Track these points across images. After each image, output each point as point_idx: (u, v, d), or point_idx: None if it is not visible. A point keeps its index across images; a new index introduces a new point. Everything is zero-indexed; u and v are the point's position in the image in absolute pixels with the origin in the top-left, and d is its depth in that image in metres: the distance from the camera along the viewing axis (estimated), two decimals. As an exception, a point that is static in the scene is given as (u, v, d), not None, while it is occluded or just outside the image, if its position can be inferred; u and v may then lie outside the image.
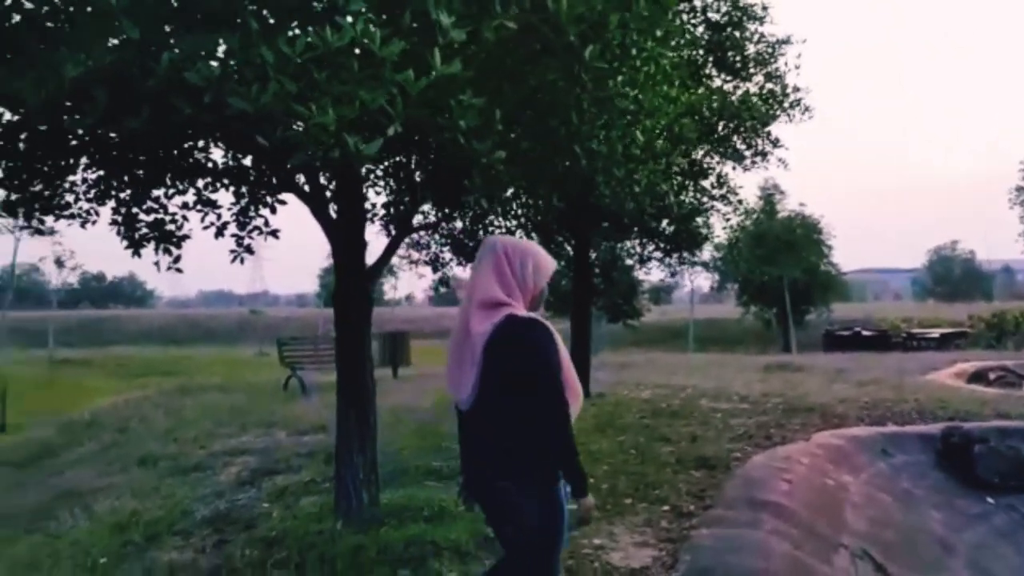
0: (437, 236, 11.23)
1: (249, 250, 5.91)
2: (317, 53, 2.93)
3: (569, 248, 11.65)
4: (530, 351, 2.79)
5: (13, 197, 5.11)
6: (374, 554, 4.55)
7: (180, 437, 9.53)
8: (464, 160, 4.19)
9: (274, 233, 5.91)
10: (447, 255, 11.22)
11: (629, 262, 14.37)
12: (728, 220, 11.95)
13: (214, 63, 3.03)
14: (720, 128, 11.35)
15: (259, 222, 5.83)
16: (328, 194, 5.57)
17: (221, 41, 3.13)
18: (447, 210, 6.31)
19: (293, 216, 6.46)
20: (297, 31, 3.18)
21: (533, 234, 10.70)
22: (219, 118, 3.11)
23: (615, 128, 4.73)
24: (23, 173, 4.84)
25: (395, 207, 6.41)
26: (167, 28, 3.18)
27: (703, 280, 37.30)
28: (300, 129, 2.98)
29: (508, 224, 10.29)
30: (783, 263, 29.38)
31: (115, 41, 3.18)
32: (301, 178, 5.27)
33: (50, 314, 37.37)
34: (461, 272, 11.81)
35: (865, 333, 27.64)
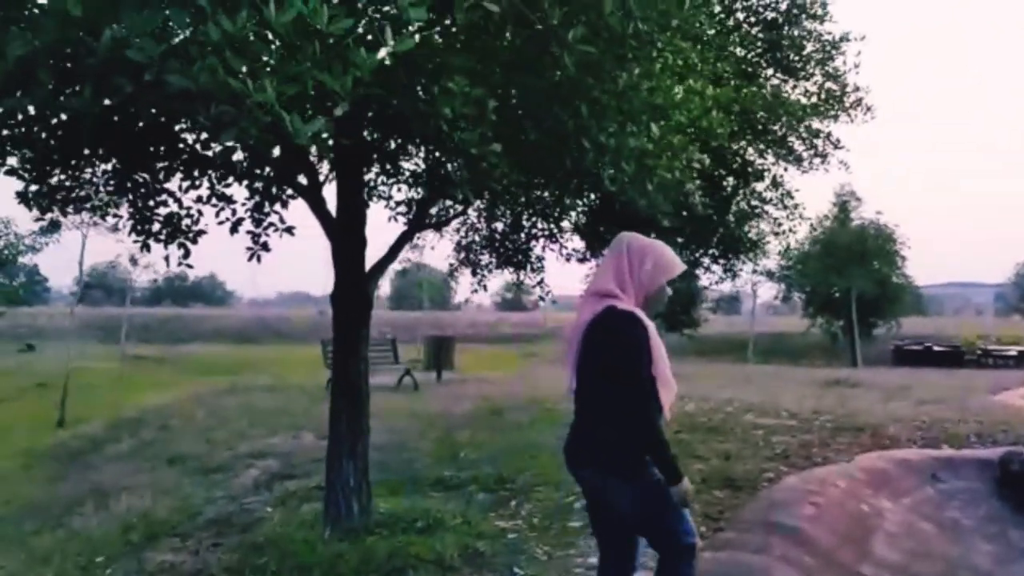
0: (477, 238, 11.02)
1: (266, 247, 5.77)
2: (263, 30, 2.77)
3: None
4: (623, 343, 2.83)
5: (32, 189, 5.09)
6: (354, 564, 4.35)
7: (212, 437, 9.57)
8: (451, 150, 3.96)
9: (289, 230, 5.78)
10: (485, 257, 11.01)
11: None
12: (780, 225, 11.32)
13: (157, 41, 2.88)
14: (778, 128, 10.82)
15: (275, 219, 5.71)
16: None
17: (168, 19, 2.99)
18: (456, 206, 6.06)
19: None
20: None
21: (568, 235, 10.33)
22: (161, 97, 2.97)
23: (637, 123, 4.45)
24: (41, 164, 4.81)
25: (409, 204, 6.24)
26: (113, 6, 3.04)
27: (767, 290, 35.93)
28: (237, 107, 2.80)
29: (549, 226, 9.98)
30: (852, 274, 28.06)
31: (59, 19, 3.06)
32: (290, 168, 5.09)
33: (127, 311, 38.44)
34: (503, 276, 11.55)
35: (937, 348, 26.28)
